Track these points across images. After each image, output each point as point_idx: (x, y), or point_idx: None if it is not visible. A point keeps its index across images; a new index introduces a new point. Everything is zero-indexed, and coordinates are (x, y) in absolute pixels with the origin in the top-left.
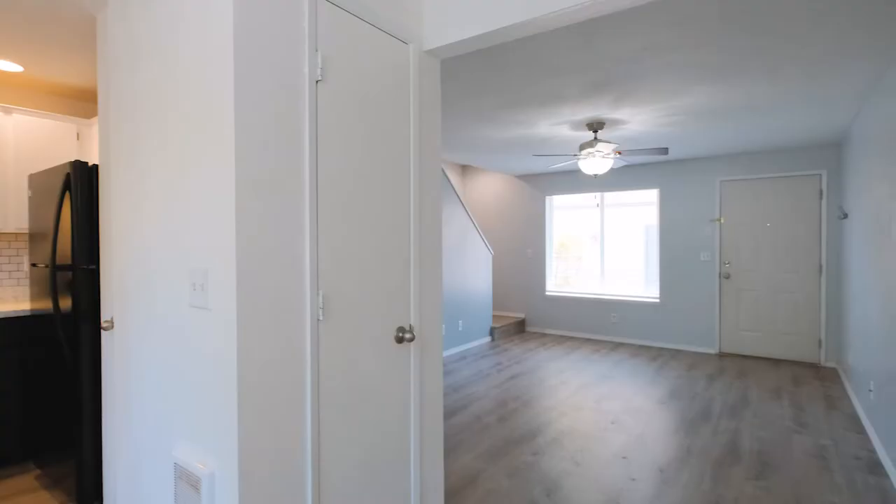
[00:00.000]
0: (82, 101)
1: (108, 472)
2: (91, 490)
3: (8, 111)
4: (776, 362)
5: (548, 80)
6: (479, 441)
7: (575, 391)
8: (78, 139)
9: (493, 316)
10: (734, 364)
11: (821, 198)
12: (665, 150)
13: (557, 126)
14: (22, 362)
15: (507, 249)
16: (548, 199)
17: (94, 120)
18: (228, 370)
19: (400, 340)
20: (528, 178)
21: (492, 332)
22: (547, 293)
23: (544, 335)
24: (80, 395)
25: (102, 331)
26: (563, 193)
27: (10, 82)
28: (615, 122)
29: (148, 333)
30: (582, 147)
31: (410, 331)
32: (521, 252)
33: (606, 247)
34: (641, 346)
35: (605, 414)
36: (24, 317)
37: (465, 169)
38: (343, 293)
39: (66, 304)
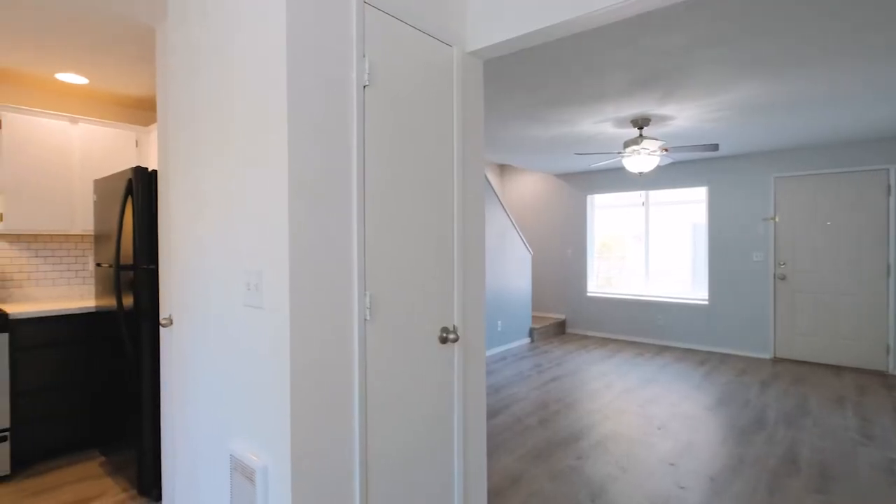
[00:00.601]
0: (141, 110)
1: (167, 461)
2: (151, 478)
3: (74, 121)
4: (837, 369)
5: (591, 78)
6: (520, 442)
7: (618, 395)
8: (137, 146)
9: (533, 317)
10: (790, 370)
11: (889, 194)
12: (715, 147)
13: (600, 123)
14: (88, 356)
15: (546, 249)
16: (589, 197)
17: (152, 127)
18: (281, 367)
19: (444, 341)
20: (569, 176)
21: (531, 333)
22: (588, 294)
23: (585, 337)
24: (141, 388)
25: (161, 327)
26: (605, 192)
27: (77, 94)
28: (661, 119)
29: (204, 331)
30: (626, 144)
31: (454, 331)
32: (561, 252)
33: (651, 246)
34: (688, 350)
35: (651, 419)
36: (90, 313)
37: (503, 168)
38: (389, 294)
39: (127, 301)
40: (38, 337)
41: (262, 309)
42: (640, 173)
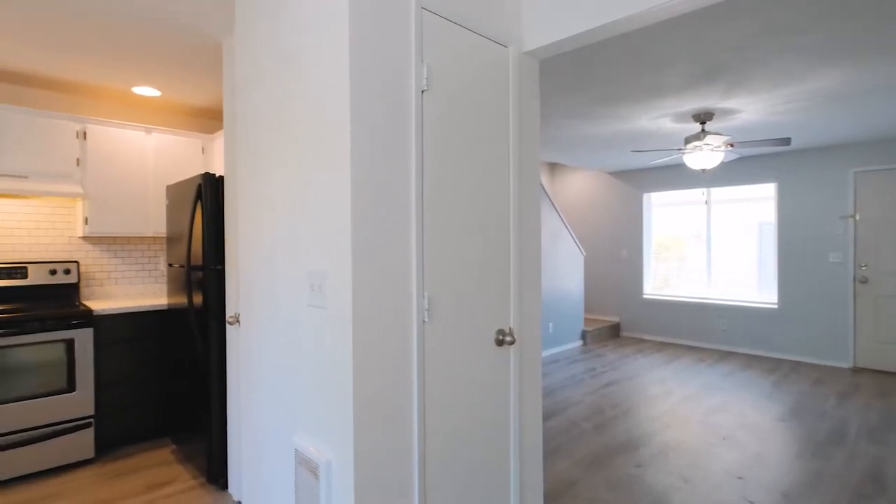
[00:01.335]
0: (206, 119)
1: (232, 452)
2: (218, 467)
3: (149, 131)
4: None
5: (650, 73)
6: (575, 448)
7: (679, 402)
8: (203, 153)
9: (585, 319)
10: (872, 381)
11: None
12: (787, 141)
13: (659, 119)
14: (160, 351)
15: (599, 250)
16: (645, 196)
17: (216, 135)
18: (344, 366)
19: (500, 343)
20: (624, 174)
21: (584, 335)
22: (644, 296)
23: (641, 341)
24: (209, 381)
25: (228, 325)
26: (663, 190)
27: (150, 105)
28: (726, 113)
29: (270, 329)
30: (688, 140)
31: (510, 333)
32: (616, 253)
33: (713, 246)
34: (755, 357)
35: (716, 428)
36: (163, 310)
37: (553, 167)
38: (446, 296)
39: (197, 300)
40: (118, 332)
41: (326, 309)
42: (703, 170)
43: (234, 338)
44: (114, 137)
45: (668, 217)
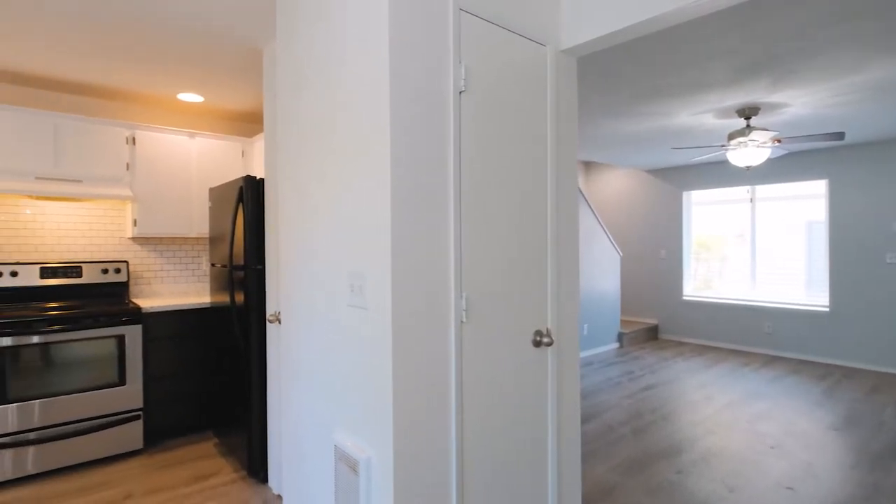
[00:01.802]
0: (245, 123)
1: (272, 447)
2: (258, 461)
3: (192, 135)
4: None
5: (692, 68)
6: (613, 452)
7: (722, 408)
8: (243, 156)
9: (621, 321)
10: None
11: None
12: (840, 135)
13: (700, 115)
14: (204, 347)
15: (636, 250)
16: (685, 194)
17: (255, 138)
18: (384, 365)
19: (537, 344)
20: (662, 172)
21: (620, 337)
22: (684, 298)
23: (681, 344)
24: (250, 377)
25: (268, 323)
26: (704, 188)
27: (194, 111)
28: (772, 107)
29: (310, 328)
30: (731, 136)
31: (548, 335)
32: (654, 253)
33: (758, 246)
34: (803, 362)
35: (762, 436)
36: (206, 308)
37: (588, 166)
38: (484, 296)
39: (238, 298)
40: (164, 329)
41: (366, 309)
42: (748, 167)
43: (274, 336)
44: (160, 142)
45: (708, 216)
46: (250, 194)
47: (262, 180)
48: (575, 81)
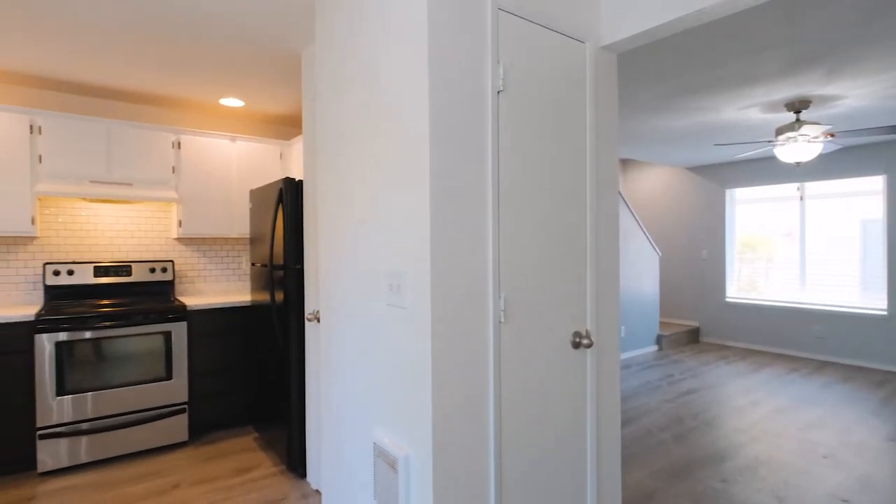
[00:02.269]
0: (283, 126)
1: (311, 442)
2: (297, 456)
3: (234, 139)
4: None
5: (738, 60)
6: (652, 457)
7: (769, 415)
8: (281, 158)
9: (660, 323)
10: None
11: None
12: None
13: (746, 110)
14: (244, 344)
15: (676, 250)
16: (728, 192)
17: (293, 141)
18: (422, 364)
19: (576, 346)
20: (703, 169)
21: (659, 340)
22: (727, 300)
23: (724, 347)
24: (289, 374)
25: (306, 321)
26: (748, 185)
27: (235, 115)
28: (825, 100)
29: (348, 326)
30: (780, 131)
31: (587, 336)
32: (695, 253)
33: (808, 246)
34: (858, 368)
35: (813, 445)
36: (246, 306)
37: (625, 163)
38: (522, 297)
39: (278, 297)
40: (207, 326)
41: (404, 308)
42: (797, 163)
43: (313, 333)
44: (203, 146)
45: (753, 214)
46: (290, 195)
47: (300, 182)
48: (615, 78)
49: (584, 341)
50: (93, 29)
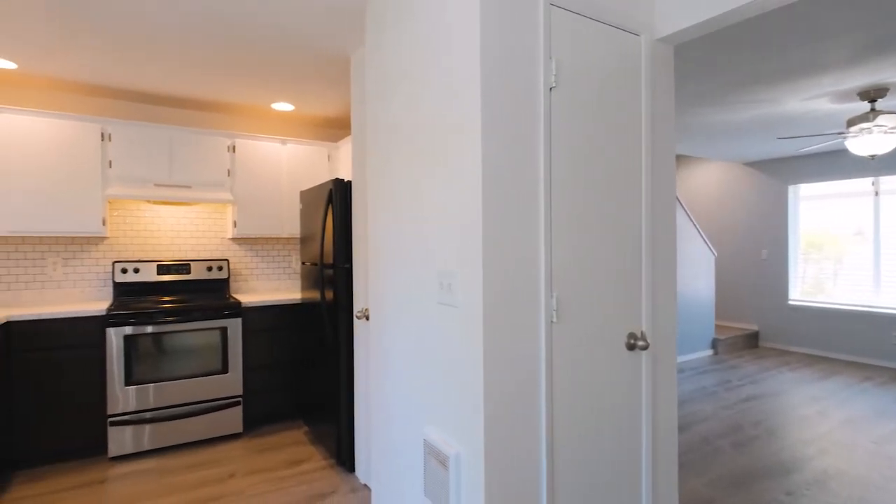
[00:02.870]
0: (331, 129)
1: (359, 438)
2: (346, 451)
3: (284, 142)
4: None
5: (804, 48)
6: (709, 466)
7: (840, 426)
8: (328, 160)
9: (716, 326)
10: None
11: None
12: None
13: (812, 100)
14: (295, 340)
15: (733, 250)
16: (791, 188)
17: (340, 143)
18: (474, 363)
19: (631, 347)
20: (763, 164)
21: (714, 343)
22: (790, 302)
23: (786, 353)
24: (338, 371)
25: (356, 319)
26: (814, 181)
27: (285, 119)
28: None
29: (398, 325)
30: (851, 122)
31: (643, 338)
32: (754, 253)
33: (883, 245)
34: None
35: (891, 460)
36: (297, 304)
37: (677, 159)
38: (575, 296)
39: (328, 295)
40: (260, 322)
41: (456, 307)
42: (872, 156)
43: (362, 331)
44: (256, 149)
45: (820, 211)
46: (339, 196)
47: (349, 182)
48: (672, 71)
49: (640, 343)
50: (156, 42)
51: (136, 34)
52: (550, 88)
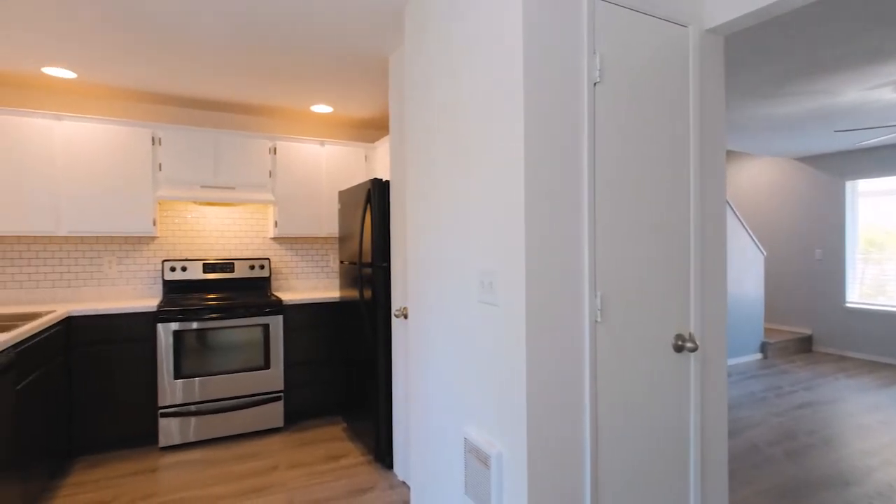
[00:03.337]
0: (367, 129)
1: (397, 435)
2: (384, 448)
3: (322, 143)
4: None
5: (866, 34)
6: (760, 475)
7: None
8: (365, 160)
9: (765, 329)
10: None
11: None
12: None
13: (874, 90)
14: (333, 338)
15: (783, 249)
16: (849, 184)
17: (377, 143)
18: (516, 362)
19: (679, 349)
20: (817, 159)
21: (763, 347)
22: (848, 305)
23: (843, 358)
24: (376, 368)
25: (393, 317)
26: (875, 176)
27: (325, 121)
28: None
29: (438, 323)
30: None
31: (691, 339)
32: (807, 253)
33: None
34: None
35: None
36: (335, 302)
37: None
38: (619, 296)
39: (366, 294)
40: (300, 320)
41: (497, 306)
42: None
43: (400, 330)
44: (296, 151)
45: (881, 209)
46: (377, 195)
47: (387, 182)
48: (722, 63)
49: (688, 345)
50: (203, 50)
51: (184, 44)
52: (595, 83)
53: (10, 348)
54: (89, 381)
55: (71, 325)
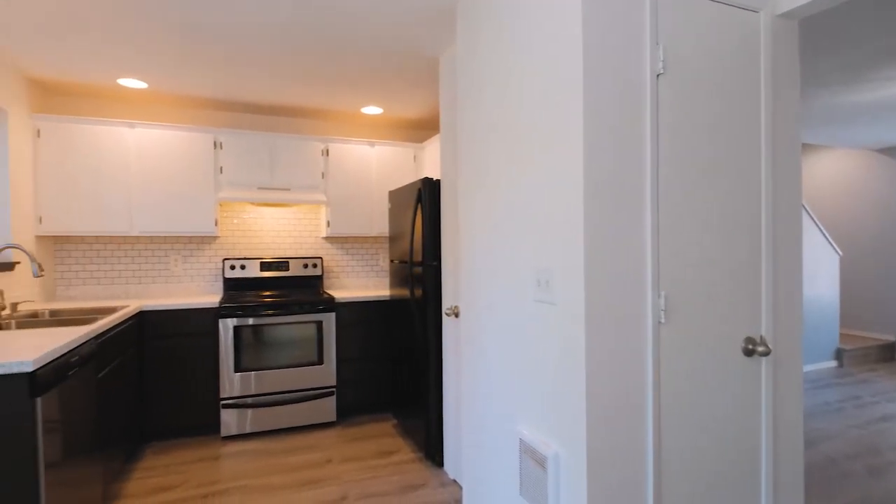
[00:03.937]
0: (416, 130)
1: (447, 433)
2: (435, 445)
3: (372, 144)
4: None
5: None
6: (837, 490)
7: None
8: (414, 161)
9: (841, 334)
10: None
11: None
12: None
13: None
14: (384, 336)
15: (862, 249)
16: None
17: (425, 143)
18: (575, 362)
19: (749, 353)
20: None
21: (839, 354)
22: None
23: None
24: (426, 366)
25: (444, 316)
26: None
27: (374, 122)
28: None
29: (491, 322)
30: None
31: (763, 343)
32: (889, 253)
33: None
34: None
35: None
36: (386, 301)
37: None
38: (685, 297)
39: (417, 292)
40: (352, 317)
41: (554, 304)
42: None
43: (451, 328)
44: (347, 152)
45: None
46: (428, 195)
47: (438, 181)
48: (796, 49)
49: (759, 349)
50: (261, 58)
51: (244, 53)
52: (658, 75)
53: (93, 339)
54: (158, 371)
55: (142, 320)
